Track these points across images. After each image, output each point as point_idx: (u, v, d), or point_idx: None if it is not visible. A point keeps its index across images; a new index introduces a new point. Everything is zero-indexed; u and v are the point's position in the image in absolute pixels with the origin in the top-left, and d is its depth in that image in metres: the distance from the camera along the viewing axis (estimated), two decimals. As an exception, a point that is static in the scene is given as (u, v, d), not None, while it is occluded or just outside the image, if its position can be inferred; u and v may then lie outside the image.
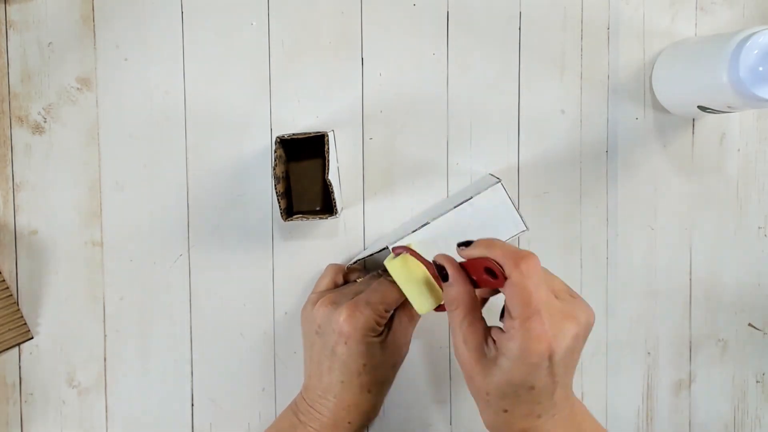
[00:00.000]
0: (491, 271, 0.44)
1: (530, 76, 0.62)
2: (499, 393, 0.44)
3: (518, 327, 0.42)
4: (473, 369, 0.45)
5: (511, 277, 0.43)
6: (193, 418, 0.62)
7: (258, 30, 0.60)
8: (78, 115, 0.60)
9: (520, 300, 0.42)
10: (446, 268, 0.47)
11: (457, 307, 0.46)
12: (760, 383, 0.65)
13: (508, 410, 0.45)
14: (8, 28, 0.59)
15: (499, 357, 0.44)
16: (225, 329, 0.62)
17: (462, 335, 0.45)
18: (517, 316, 0.42)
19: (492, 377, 0.44)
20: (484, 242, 0.46)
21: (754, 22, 0.63)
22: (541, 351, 0.42)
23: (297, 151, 0.59)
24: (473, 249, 0.46)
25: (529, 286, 0.42)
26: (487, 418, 0.47)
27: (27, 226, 0.60)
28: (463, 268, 0.47)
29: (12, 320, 0.59)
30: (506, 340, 0.43)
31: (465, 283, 0.46)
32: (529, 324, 0.42)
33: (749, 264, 0.64)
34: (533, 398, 0.44)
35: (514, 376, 0.43)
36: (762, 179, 0.64)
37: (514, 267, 0.43)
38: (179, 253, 0.61)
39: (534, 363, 0.42)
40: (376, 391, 0.55)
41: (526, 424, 0.45)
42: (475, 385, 0.46)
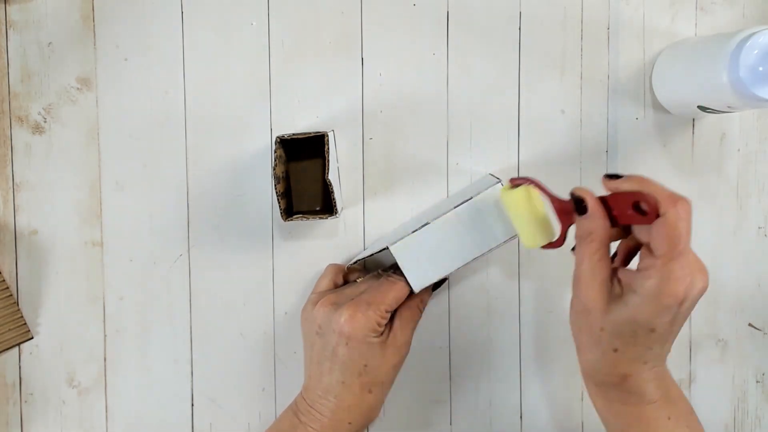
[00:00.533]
0: (638, 207, 0.43)
1: (530, 76, 0.62)
2: (616, 330, 0.44)
3: (660, 266, 0.42)
4: (595, 302, 0.44)
5: (667, 215, 0.42)
6: (193, 418, 0.62)
7: (258, 30, 0.60)
8: (78, 115, 0.60)
9: (669, 239, 0.42)
10: (586, 199, 0.45)
11: (594, 239, 0.45)
12: (760, 383, 0.65)
13: (618, 350, 0.44)
14: (8, 28, 0.59)
15: (628, 294, 0.43)
16: (225, 329, 0.62)
17: (591, 267, 0.45)
18: (662, 255, 0.42)
19: (614, 313, 0.44)
20: (637, 177, 0.45)
21: (754, 22, 0.63)
22: (677, 293, 0.42)
23: (297, 151, 0.59)
24: (625, 182, 0.45)
25: (681, 228, 0.42)
26: (591, 357, 0.46)
27: (27, 226, 0.60)
28: (604, 202, 0.46)
29: (12, 320, 0.59)
30: (642, 277, 0.43)
31: (604, 216, 0.45)
32: (673, 265, 0.42)
33: (749, 264, 0.64)
34: (649, 342, 0.44)
35: (640, 314, 0.43)
36: (762, 179, 0.64)
37: (671, 205, 0.42)
38: (179, 253, 0.61)
39: (665, 305, 0.42)
40: (377, 392, 0.55)
41: (631, 369, 0.45)
42: (590, 319, 0.45)
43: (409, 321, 0.57)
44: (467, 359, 0.63)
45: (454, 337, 0.63)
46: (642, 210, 0.43)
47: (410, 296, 0.56)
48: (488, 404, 0.63)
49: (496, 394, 0.63)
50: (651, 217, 0.42)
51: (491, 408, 0.63)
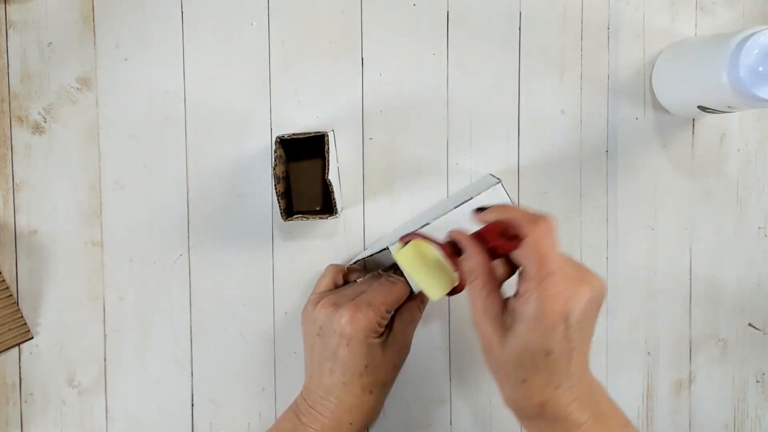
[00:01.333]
0: (507, 235, 0.44)
1: (530, 76, 0.62)
2: (517, 362, 0.44)
3: (533, 288, 0.42)
4: (492, 339, 0.45)
5: (528, 236, 0.43)
6: (193, 418, 0.62)
7: (258, 30, 0.60)
8: (78, 115, 0.60)
9: (536, 259, 0.42)
10: (460, 241, 0.47)
11: (476, 277, 0.45)
12: (760, 383, 0.65)
13: (526, 380, 0.44)
14: (8, 28, 0.59)
15: (515, 323, 0.43)
16: (225, 329, 0.62)
17: (481, 305, 0.45)
18: (533, 277, 0.42)
19: (509, 345, 0.44)
20: (500, 207, 0.46)
21: (754, 22, 0.63)
22: (557, 311, 0.42)
23: (297, 151, 0.59)
24: (489, 213, 0.46)
25: (545, 246, 0.42)
26: (506, 392, 0.46)
27: (27, 226, 0.60)
28: (478, 238, 0.47)
29: (12, 320, 0.59)
30: (522, 303, 0.43)
31: (481, 252, 0.46)
32: (545, 284, 0.42)
33: (749, 264, 0.64)
34: (550, 366, 0.43)
35: (530, 340, 0.43)
36: (762, 179, 0.64)
37: (532, 227, 0.43)
38: (179, 253, 0.61)
39: (550, 325, 0.42)
40: (378, 392, 0.55)
41: (545, 396, 0.44)
42: (493, 356, 0.45)
43: (410, 322, 0.57)
44: (467, 359, 0.63)
45: (454, 337, 0.63)
46: (509, 236, 0.44)
47: (410, 297, 0.56)
48: (488, 404, 0.63)
49: (496, 394, 0.63)
50: (517, 241, 0.43)
51: (491, 408, 0.63)
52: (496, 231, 0.45)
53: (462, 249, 0.47)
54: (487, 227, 0.47)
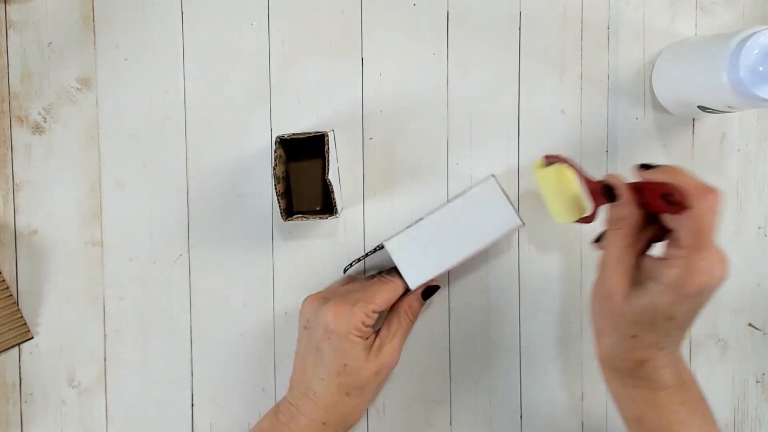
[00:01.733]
0: (668, 198, 0.43)
1: (530, 76, 0.62)
2: (636, 317, 0.44)
3: (684, 256, 0.42)
4: (618, 288, 0.45)
5: (695, 207, 0.42)
6: (193, 418, 0.62)
7: (258, 30, 0.60)
8: (78, 115, 0.60)
9: (696, 231, 0.42)
10: (619, 188, 0.46)
11: (623, 226, 0.46)
12: (760, 383, 0.65)
13: (637, 336, 0.45)
14: (8, 28, 0.59)
15: (650, 282, 0.44)
16: (225, 329, 0.62)
17: (618, 254, 0.45)
18: (687, 246, 0.42)
19: (635, 300, 0.44)
20: (669, 168, 0.45)
21: (754, 22, 0.63)
22: (699, 284, 0.42)
23: (297, 151, 0.59)
24: (657, 173, 0.45)
25: (707, 221, 0.42)
26: (608, 343, 0.47)
27: (27, 226, 0.60)
28: (636, 190, 0.46)
29: (12, 320, 0.59)
30: (666, 266, 0.43)
31: (634, 204, 0.46)
32: (697, 255, 0.42)
33: (749, 264, 0.64)
34: (667, 329, 0.44)
35: (660, 302, 0.43)
36: (762, 179, 0.64)
37: (700, 198, 0.42)
38: (179, 253, 0.61)
39: (686, 294, 0.43)
40: (355, 396, 0.54)
41: (647, 354, 0.46)
42: (610, 304, 0.45)
43: (397, 329, 0.56)
44: (467, 359, 0.63)
45: (454, 337, 0.63)
46: (672, 201, 0.43)
47: (399, 300, 0.56)
48: (488, 404, 0.63)
49: (496, 394, 0.63)
50: (680, 208, 0.43)
51: (491, 408, 0.63)
52: (658, 191, 0.44)
53: (617, 194, 0.46)
54: (649, 184, 0.45)
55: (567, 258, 0.63)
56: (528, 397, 0.63)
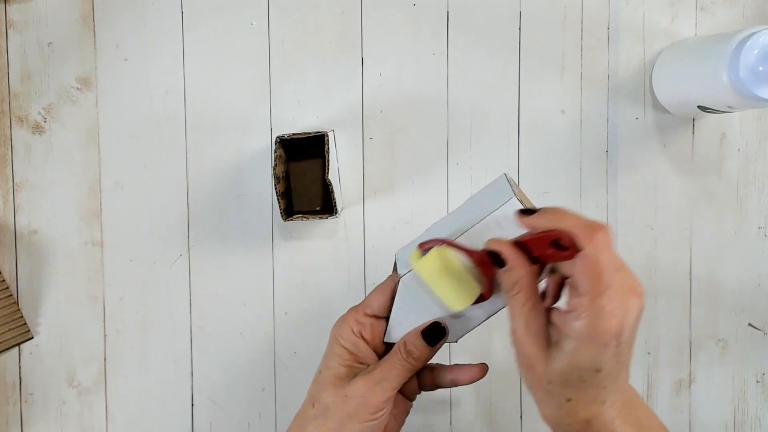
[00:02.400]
0: (558, 244, 0.41)
1: (530, 76, 0.62)
2: (563, 380, 0.41)
3: (587, 304, 0.39)
4: (535, 356, 0.42)
5: (586, 249, 0.39)
6: (193, 418, 0.62)
7: (258, 30, 0.60)
8: (78, 115, 0.60)
9: (592, 275, 0.39)
10: (502, 252, 0.42)
11: (519, 290, 0.42)
12: (760, 383, 0.65)
13: (572, 399, 0.42)
14: (8, 28, 0.59)
15: (563, 340, 0.41)
16: (225, 329, 0.62)
17: (524, 321, 0.42)
18: (587, 293, 0.39)
19: (555, 363, 0.41)
20: (551, 211, 0.42)
21: (754, 22, 0.63)
22: (611, 329, 0.39)
23: (297, 151, 0.59)
24: (540, 218, 0.42)
25: (603, 261, 0.39)
26: (548, 410, 0.43)
27: (27, 226, 0.60)
28: (521, 246, 0.43)
29: (12, 320, 0.59)
30: (572, 319, 0.40)
31: (525, 264, 0.42)
32: (601, 301, 0.39)
33: (749, 264, 0.64)
34: (599, 382, 0.41)
35: (580, 359, 0.40)
36: (762, 179, 0.64)
37: (589, 239, 0.39)
38: (179, 253, 0.61)
39: (603, 343, 0.39)
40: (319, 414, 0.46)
41: (591, 412, 0.42)
42: (535, 374, 0.42)
43: (383, 365, 0.46)
44: (467, 359, 0.63)
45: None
46: (562, 247, 0.41)
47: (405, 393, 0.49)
48: (488, 404, 0.63)
49: (496, 394, 0.63)
50: (572, 252, 0.40)
51: (491, 408, 0.63)
52: (545, 240, 0.41)
53: (504, 260, 0.43)
54: (535, 237, 0.42)
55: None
56: (528, 397, 0.63)
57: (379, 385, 0.45)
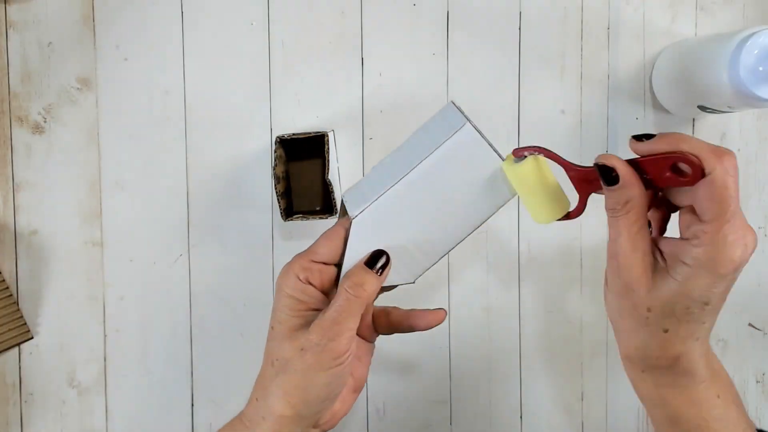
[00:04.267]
0: (678, 169, 0.38)
1: (530, 76, 0.62)
2: (667, 309, 0.39)
3: (712, 231, 0.37)
4: (639, 279, 0.40)
5: (714, 173, 0.37)
6: (193, 418, 0.62)
7: (258, 30, 0.60)
8: (78, 115, 0.60)
9: (720, 200, 0.37)
10: (617, 167, 0.40)
11: (630, 210, 0.40)
12: (760, 383, 0.65)
13: (669, 330, 0.40)
14: (8, 28, 0.59)
15: (676, 266, 0.39)
16: (225, 329, 0.62)
17: (631, 240, 0.40)
18: (713, 219, 0.37)
19: (661, 290, 0.39)
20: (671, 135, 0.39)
21: (754, 22, 0.63)
22: (734, 259, 0.38)
23: (297, 151, 0.59)
24: (659, 142, 0.39)
25: (731, 184, 0.37)
26: (636, 342, 0.41)
27: (27, 226, 0.60)
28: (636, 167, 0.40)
29: (12, 320, 0.59)
30: (692, 246, 0.38)
31: (639, 182, 0.40)
32: (727, 228, 0.37)
33: (749, 264, 0.64)
34: (702, 317, 0.39)
35: (693, 288, 0.38)
36: (762, 179, 0.64)
37: (718, 162, 0.37)
38: (179, 253, 0.61)
39: (722, 274, 0.38)
40: (279, 370, 0.43)
41: (683, 348, 0.41)
42: (634, 299, 0.40)
43: (333, 305, 0.42)
44: (467, 359, 0.63)
45: (454, 338, 0.63)
46: (682, 171, 0.38)
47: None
48: (488, 404, 0.63)
49: (496, 394, 0.63)
50: (695, 177, 0.37)
51: (491, 408, 0.63)
52: (664, 163, 0.39)
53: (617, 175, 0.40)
54: (652, 158, 0.39)
55: (567, 258, 0.63)
56: (528, 397, 0.63)
57: (334, 329, 0.41)
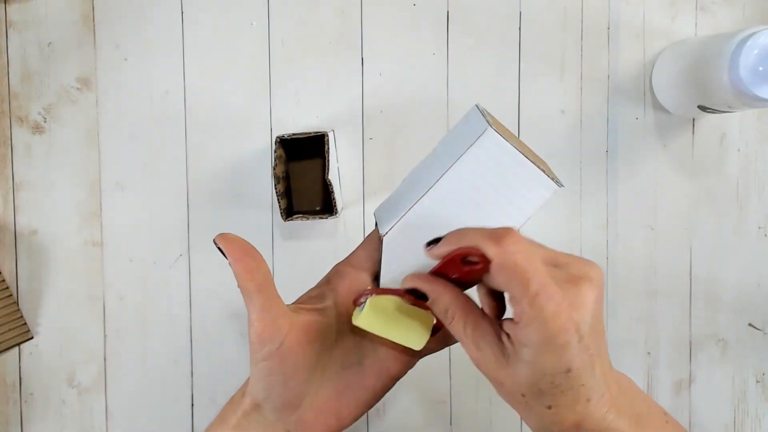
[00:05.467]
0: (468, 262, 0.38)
1: (530, 76, 0.62)
2: (535, 390, 0.38)
3: (528, 309, 0.36)
4: (498, 374, 0.39)
5: (495, 258, 0.36)
6: (193, 418, 0.62)
7: (258, 30, 0.60)
8: (78, 115, 0.60)
9: (515, 279, 0.36)
10: (418, 285, 0.40)
11: (453, 316, 0.40)
12: (760, 383, 0.65)
13: (552, 406, 0.39)
14: (8, 28, 0.59)
15: (521, 349, 0.38)
16: (225, 329, 0.62)
17: (472, 342, 0.40)
18: (521, 298, 0.36)
19: (520, 375, 0.38)
20: (453, 233, 0.39)
21: (754, 22, 0.63)
22: (564, 327, 0.36)
23: (297, 151, 0.59)
24: (443, 245, 0.40)
25: (519, 261, 0.36)
26: (534, 423, 0.40)
27: (27, 226, 0.60)
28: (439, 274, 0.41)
29: (12, 320, 0.59)
30: (521, 328, 0.37)
31: (447, 289, 0.40)
32: (538, 303, 0.36)
33: (749, 264, 0.64)
34: (574, 382, 0.38)
35: (544, 365, 0.37)
36: (762, 179, 0.64)
37: (495, 246, 0.36)
38: (179, 253, 0.61)
39: (561, 344, 0.36)
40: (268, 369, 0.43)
41: (578, 415, 0.39)
42: (506, 390, 0.40)
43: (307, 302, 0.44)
44: (467, 359, 0.63)
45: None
46: (474, 263, 0.38)
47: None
48: (488, 404, 0.63)
49: (496, 394, 0.63)
50: (484, 265, 0.38)
51: (491, 408, 0.63)
52: (456, 260, 0.39)
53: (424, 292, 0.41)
54: (445, 260, 0.40)
55: (567, 258, 0.63)
56: (528, 397, 0.63)
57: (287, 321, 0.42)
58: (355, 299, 0.44)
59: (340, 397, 0.44)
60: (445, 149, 0.45)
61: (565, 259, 0.40)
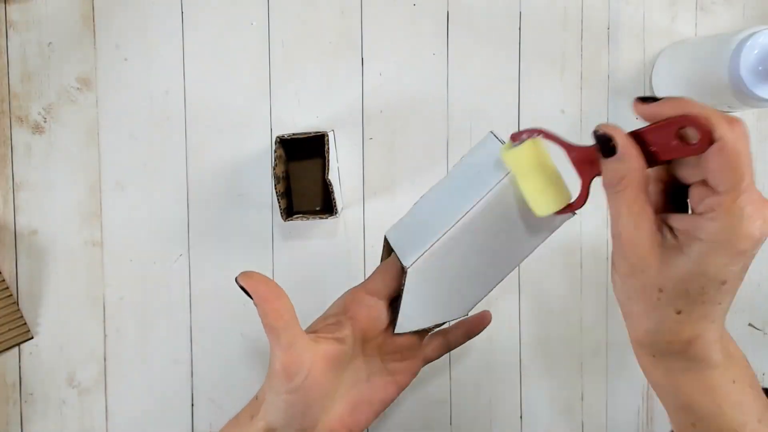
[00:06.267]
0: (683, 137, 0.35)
1: (530, 76, 0.62)
2: (680, 289, 0.36)
3: (727, 204, 0.34)
4: (647, 259, 0.36)
5: (724, 139, 0.34)
6: (193, 418, 0.62)
7: (258, 30, 0.60)
8: (78, 115, 0.60)
9: (733, 168, 0.34)
10: (614, 137, 0.37)
11: (628, 185, 0.37)
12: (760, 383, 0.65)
13: (682, 311, 0.37)
14: (8, 28, 0.59)
15: (690, 243, 0.35)
16: (225, 329, 0.62)
17: (633, 219, 0.36)
18: (728, 189, 0.34)
19: (673, 269, 0.36)
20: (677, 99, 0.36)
21: (754, 22, 0.63)
22: (753, 234, 0.34)
23: (297, 151, 0.59)
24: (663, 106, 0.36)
25: (744, 151, 0.34)
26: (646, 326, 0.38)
27: (27, 226, 0.60)
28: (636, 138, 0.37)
29: (12, 320, 0.59)
30: (707, 220, 0.35)
31: (638, 155, 0.37)
32: (744, 200, 0.34)
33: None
34: (718, 296, 0.36)
35: (709, 265, 0.35)
36: (762, 179, 0.64)
37: (728, 127, 0.34)
38: (179, 253, 0.61)
39: (740, 250, 0.35)
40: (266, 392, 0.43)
41: (698, 331, 0.37)
42: (643, 280, 0.37)
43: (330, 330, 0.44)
44: (467, 359, 0.63)
45: (454, 337, 0.63)
46: (689, 140, 0.35)
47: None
48: (488, 404, 0.63)
49: (496, 394, 0.63)
50: (703, 144, 0.34)
51: (491, 408, 0.63)
52: (669, 130, 0.35)
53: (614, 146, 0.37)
54: (655, 126, 0.36)
55: (567, 257, 0.63)
56: (528, 397, 0.63)
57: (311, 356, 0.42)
58: (516, 134, 0.41)
59: (352, 413, 0.44)
60: (465, 178, 0.44)
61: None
